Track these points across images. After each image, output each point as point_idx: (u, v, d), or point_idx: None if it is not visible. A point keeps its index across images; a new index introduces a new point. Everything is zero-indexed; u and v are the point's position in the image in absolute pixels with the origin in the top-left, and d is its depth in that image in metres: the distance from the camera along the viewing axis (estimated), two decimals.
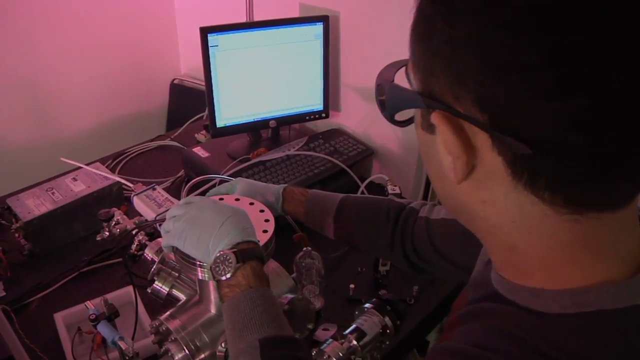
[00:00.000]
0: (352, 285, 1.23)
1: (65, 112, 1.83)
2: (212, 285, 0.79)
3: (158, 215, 0.92)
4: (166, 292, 0.86)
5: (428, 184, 1.31)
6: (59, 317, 1.13)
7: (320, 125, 1.68)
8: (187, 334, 0.80)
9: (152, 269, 0.85)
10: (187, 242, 0.72)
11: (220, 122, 1.48)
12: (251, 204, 0.84)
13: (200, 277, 0.75)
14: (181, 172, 1.60)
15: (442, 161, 0.45)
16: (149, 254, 0.98)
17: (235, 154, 1.51)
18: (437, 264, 0.85)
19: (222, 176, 1.01)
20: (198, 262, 0.74)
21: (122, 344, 0.84)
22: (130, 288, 1.19)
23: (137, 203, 0.97)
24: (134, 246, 1.00)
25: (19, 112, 1.73)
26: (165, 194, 0.95)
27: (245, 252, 0.69)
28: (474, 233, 0.51)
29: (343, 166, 1.46)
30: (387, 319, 0.89)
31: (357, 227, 0.93)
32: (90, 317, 0.87)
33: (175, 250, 0.75)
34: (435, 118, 0.43)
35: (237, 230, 0.70)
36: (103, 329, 0.87)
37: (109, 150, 1.68)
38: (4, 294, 1.21)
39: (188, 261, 0.74)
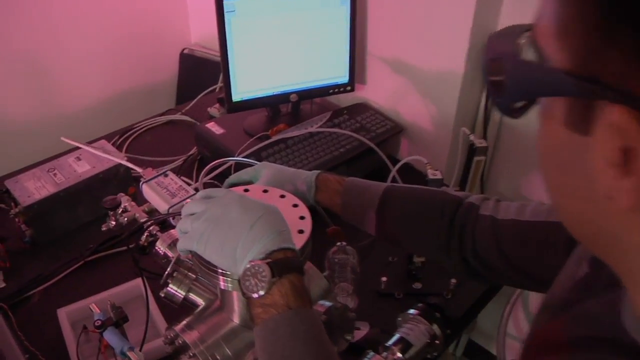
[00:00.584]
0: (384, 279, 1.12)
1: (68, 86, 1.69)
2: (235, 293, 0.67)
3: (172, 207, 0.80)
4: (182, 297, 0.75)
5: (466, 168, 1.17)
6: (63, 314, 1.02)
7: (344, 100, 1.55)
8: (206, 347, 0.69)
9: (166, 273, 0.74)
10: (208, 248, 0.60)
11: (236, 96, 1.35)
12: (282, 196, 0.72)
13: (222, 287, 0.63)
14: (193, 150, 1.48)
15: (598, 175, 0.32)
16: (160, 247, 0.86)
17: (253, 131, 1.38)
18: (503, 272, 0.72)
19: (244, 159, 0.88)
20: (220, 270, 0.62)
21: (132, 356, 0.73)
22: (140, 280, 1.08)
23: (147, 192, 0.85)
24: (143, 237, 0.88)
25: (18, 87, 1.60)
26: (178, 181, 0.83)
27: (282, 264, 0.56)
28: (614, 268, 0.38)
29: (371, 145, 1.33)
30: (435, 327, 0.77)
31: (404, 223, 0.80)
32: (96, 324, 0.76)
33: (194, 253, 0.63)
34: (617, 114, 0.30)
35: (271, 234, 0.58)
36: (110, 337, 0.76)
37: (115, 126, 1.56)
38: (4, 285, 1.11)
39: (209, 268, 0.63)
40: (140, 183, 0.86)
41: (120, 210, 0.97)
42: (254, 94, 1.38)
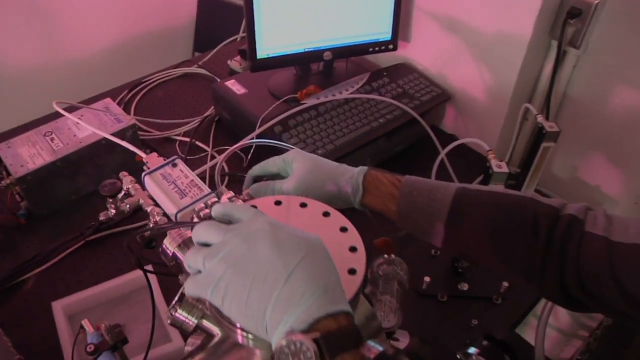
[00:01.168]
0: (427, 279, 0.97)
1: (71, 31, 1.51)
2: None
3: (180, 211, 0.64)
4: (194, 325, 0.60)
5: (531, 153, 0.99)
6: (58, 307, 0.89)
7: (383, 60, 1.35)
8: None
9: (175, 299, 0.59)
10: (227, 301, 0.44)
11: (261, 53, 1.17)
12: (326, 214, 0.56)
13: (240, 342, 0.48)
14: (210, 110, 1.32)
15: None
16: (169, 246, 0.71)
17: (279, 92, 1.21)
18: (616, 306, 0.56)
19: (273, 141, 0.70)
20: (239, 327, 0.47)
21: None
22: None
23: (150, 186, 0.69)
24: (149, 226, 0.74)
25: (17, 32, 1.42)
26: (190, 175, 0.67)
27: (335, 339, 0.41)
28: None
29: (417, 117, 1.15)
30: None
31: (483, 239, 0.64)
32: (88, 349, 0.62)
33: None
34: None
35: (316, 290, 0.42)
36: None
37: (123, 78, 1.38)
38: None
39: (225, 319, 0.48)
40: (143, 175, 0.70)
41: (122, 194, 0.82)
42: (281, 51, 1.19)
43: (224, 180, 1.17)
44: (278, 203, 0.55)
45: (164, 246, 0.73)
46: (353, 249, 0.50)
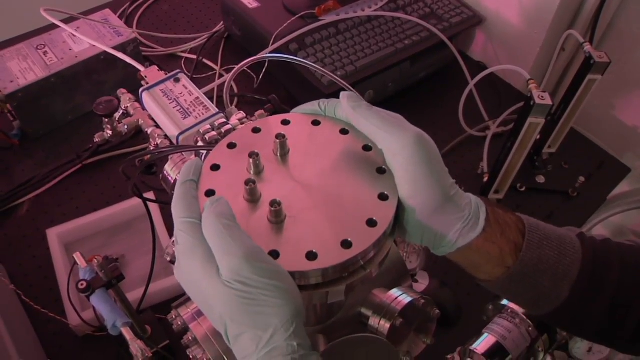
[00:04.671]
0: None
1: None
2: None
3: (182, 133, 0.56)
4: None
5: (573, 85, 0.87)
6: (53, 235, 0.83)
7: None
8: (224, 346, 0.49)
9: (173, 238, 0.52)
10: (191, 296, 0.40)
11: None
12: (344, 131, 0.44)
13: None
14: (220, 26, 1.21)
15: None
16: (170, 172, 0.64)
17: (295, 7, 1.09)
18: None
19: (288, 57, 0.59)
20: None
21: (126, 333, 0.54)
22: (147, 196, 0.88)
23: (149, 104, 0.61)
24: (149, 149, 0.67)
25: None
26: (195, 91, 0.58)
27: None
28: None
29: (445, 40, 1.05)
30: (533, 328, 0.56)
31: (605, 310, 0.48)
32: (79, 286, 0.56)
33: None
34: None
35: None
36: (99, 303, 0.56)
37: None
38: None
39: None
40: (140, 91, 0.61)
41: (120, 114, 0.73)
42: None
43: (232, 102, 1.09)
44: (286, 122, 0.45)
45: (165, 172, 0.65)
46: (383, 197, 0.41)
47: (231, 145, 0.44)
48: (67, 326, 0.76)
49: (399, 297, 0.49)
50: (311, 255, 0.37)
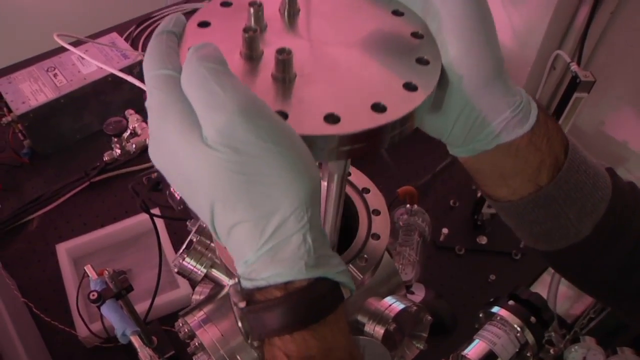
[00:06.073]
0: (445, 230, 0.93)
1: None
2: None
3: None
4: (202, 275, 0.57)
5: (561, 102, 0.91)
6: (62, 250, 0.86)
7: None
8: (228, 351, 0.52)
9: (183, 247, 0.55)
10: (170, 179, 0.30)
11: None
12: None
13: None
14: None
15: None
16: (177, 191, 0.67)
17: None
18: None
19: None
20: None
21: (135, 341, 0.57)
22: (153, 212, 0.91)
23: None
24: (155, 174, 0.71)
25: None
26: None
27: (303, 305, 0.28)
28: None
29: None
30: (527, 333, 0.59)
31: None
32: (91, 297, 0.59)
33: None
34: None
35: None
36: (109, 313, 0.59)
37: (130, 13, 1.31)
38: None
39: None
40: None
41: (128, 134, 0.77)
42: None
43: None
44: None
45: (171, 189, 0.69)
46: (422, 61, 0.32)
47: (226, 4, 0.35)
48: (75, 337, 0.78)
49: (393, 304, 0.53)
50: (331, 118, 0.28)
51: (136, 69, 1.07)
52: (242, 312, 0.30)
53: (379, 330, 0.52)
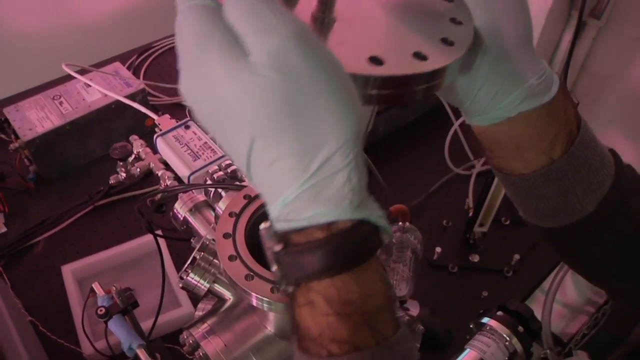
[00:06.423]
0: (438, 249, 0.96)
1: None
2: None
3: (193, 174, 0.63)
4: (205, 289, 0.60)
5: None
6: (68, 271, 0.89)
7: None
8: None
9: (187, 262, 0.58)
10: (202, 112, 0.29)
11: None
12: None
13: (254, 304, 0.47)
14: None
15: None
16: (180, 210, 0.71)
17: None
18: None
19: None
20: (254, 293, 0.45)
21: (141, 355, 0.60)
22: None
23: (163, 148, 0.68)
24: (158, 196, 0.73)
25: None
26: (203, 136, 0.66)
27: (346, 247, 0.27)
28: None
29: None
30: (515, 342, 0.62)
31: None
32: (98, 312, 0.62)
33: None
34: None
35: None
36: (116, 328, 0.62)
37: (132, 43, 1.36)
38: (5, 229, 0.98)
39: (239, 286, 0.46)
40: (155, 137, 0.69)
41: (132, 158, 0.81)
42: None
43: None
44: None
45: (175, 210, 0.73)
46: (456, 21, 0.34)
47: None
48: (80, 355, 0.81)
49: None
50: (376, 60, 0.29)
51: (138, 97, 1.11)
52: (277, 256, 0.28)
53: None
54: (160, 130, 0.70)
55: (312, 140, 0.25)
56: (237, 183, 0.59)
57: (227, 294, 0.61)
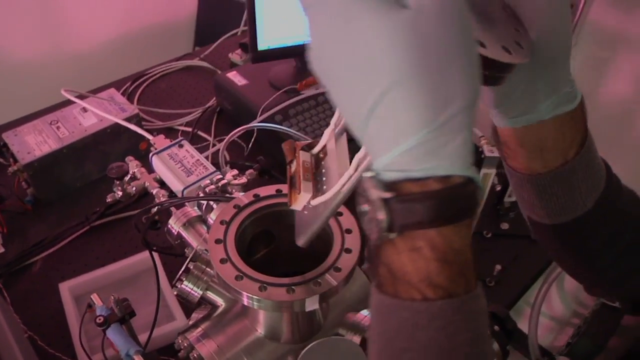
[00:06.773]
0: None
1: (76, 24, 1.54)
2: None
3: (187, 188, 0.67)
4: (198, 296, 0.64)
5: None
6: (65, 289, 0.92)
7: None
8: None
9: (181, 270, 0.62)
10: (333, 57, 0.29)
11: (262, 45, 1.20)
12: None
13: (245, 304, 0.51)
14: (212, 101, 1.35)
15: None
16: (174, 226, 0.75)
17: (279, 84, 1.24)
18: None
19: (274, 125, 0.73)
20: (246, 293, 0.49)
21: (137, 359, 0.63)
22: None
23: (158, 166, 0.72)
24: (154, 209, 0.77)
25: (21, 23, 1.45)
26: (196, 154, 0.70)
27: (459, 200, 0.30)
28: None
29: None
30: (492, 341, 0.65)
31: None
32: (97, 321, 0.65)
33: None
34: None
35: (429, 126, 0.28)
36: (114, 336, 0.65)
37: (126, 70, 1.41)
38: (3, 250, 1.01)
39: (229, 286, 0.50)
40: (150, 155, 0.73)
41: (128, 177, 0.85)
42: (282, 42, 1.22)
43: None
44: None
45: (169, 226, 0.77)
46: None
47: None
48: None
49: (368, 315, 0.60)
50: (481, 44, 0.33)
51: (133, 121, 1.15)
52: (386, 203, 0.30)
53: (357, 340, 0.58)
54: (156, 149, 0.74)
55: (444, 95, 0.27)
56: (228, 195, 0.63)
57: (220, 301, 0.64)
